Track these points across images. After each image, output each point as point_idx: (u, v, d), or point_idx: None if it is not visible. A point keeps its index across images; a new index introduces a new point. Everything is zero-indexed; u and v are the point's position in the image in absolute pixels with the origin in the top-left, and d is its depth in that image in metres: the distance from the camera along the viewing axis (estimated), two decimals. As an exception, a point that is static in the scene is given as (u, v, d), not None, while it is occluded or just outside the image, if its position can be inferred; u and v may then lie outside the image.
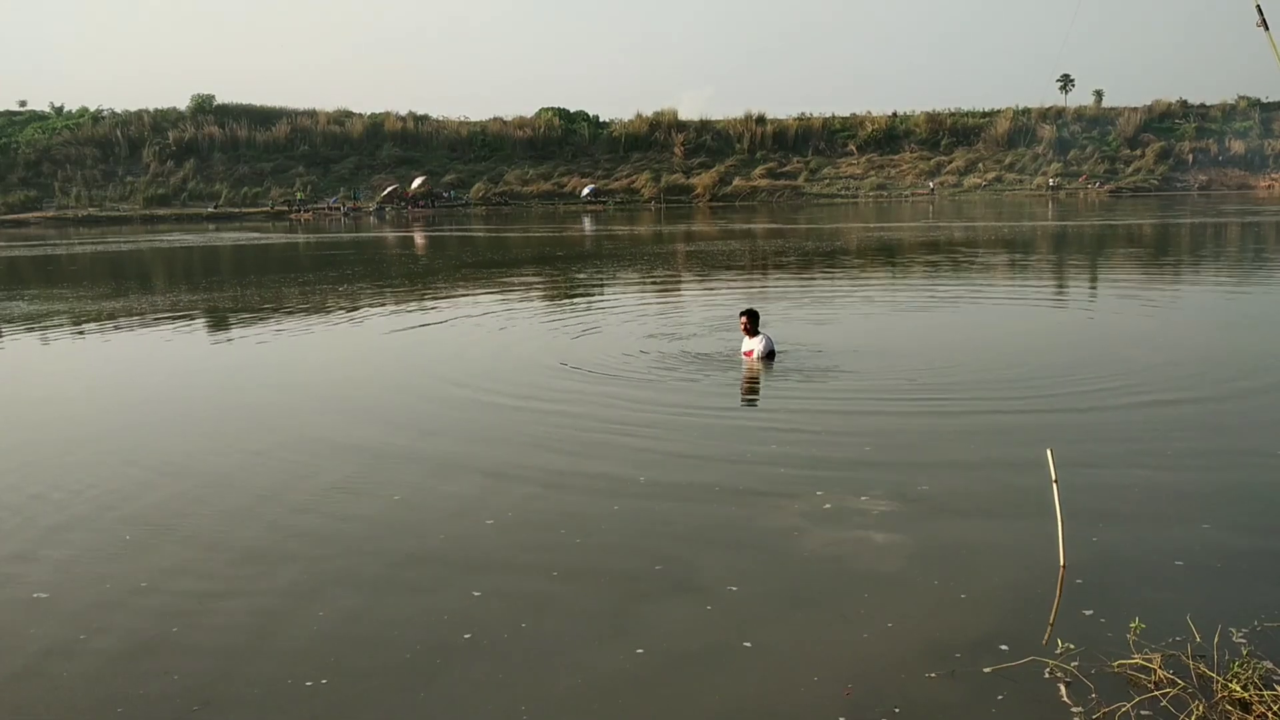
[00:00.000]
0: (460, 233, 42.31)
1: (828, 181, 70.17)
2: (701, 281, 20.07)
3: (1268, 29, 5.60)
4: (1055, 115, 74.27)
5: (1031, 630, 4.23)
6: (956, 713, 3.63)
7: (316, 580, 5.00)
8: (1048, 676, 3.83)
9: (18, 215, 60.48)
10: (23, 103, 75.69)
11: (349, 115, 75.21)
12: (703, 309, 14.95)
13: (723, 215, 51.69)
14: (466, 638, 4.30)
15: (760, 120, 75.68)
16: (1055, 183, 66.08)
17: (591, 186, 68.09)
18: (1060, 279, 19.71)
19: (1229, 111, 73.68)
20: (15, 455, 7.62)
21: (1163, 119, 73.50)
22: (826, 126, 76.17)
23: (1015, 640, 4.11)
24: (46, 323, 15.44)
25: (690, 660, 4.09)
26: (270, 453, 7.44)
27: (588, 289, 19.04)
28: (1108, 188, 65.57)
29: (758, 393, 9.28)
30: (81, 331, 14.63)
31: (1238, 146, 69.41)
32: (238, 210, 63.00)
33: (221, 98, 73.52)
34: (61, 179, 65.31)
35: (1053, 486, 4.80)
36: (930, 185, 67.47)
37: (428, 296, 18.26)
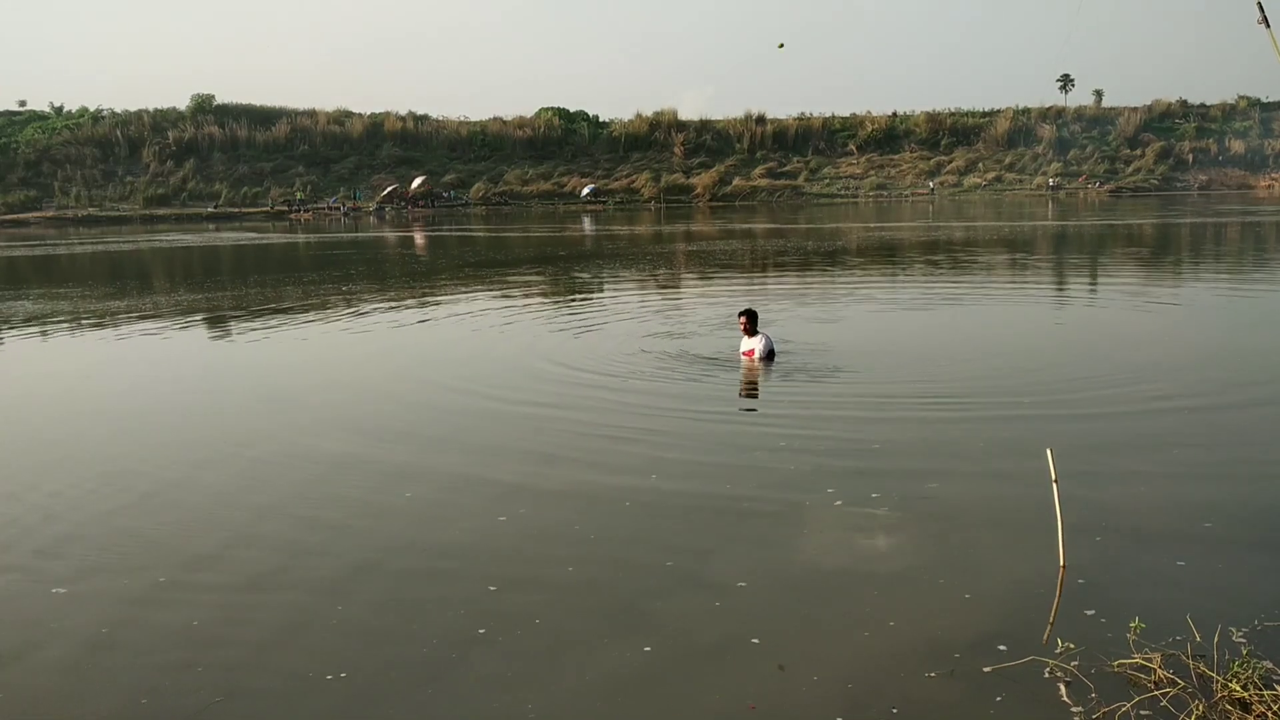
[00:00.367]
0: (460, 233, 42.30)
1: (828, 181, 70.19)
2: (701, 281, 20.08)
3: (1269, 26, 5.57)
4: (1055, 115, 74.30)
5: (1032, 630, 4.26)
6: (956, 712, 3.66)
7: (336, 575, 5.07)
8: (1048, 676, 3.85)
9: (17, 215, 60.48)
10: (23, 103, 75.82)
11: (349, 115, 75.22)
12: (703, 309, 14.96)
13: (723, 215, 51.70)
14: (481, 632, 4.38)
15: (760, 120, 75.72)
16: (1055, 183, 66.10)
17: (591, 186, 68.09)
18: (1060, 279, 19.71)
19: (1229, 111, 73.72)
20: (44, 452, 7.70)
21: (1163, 119, 73.53)
22: (826, 126, 76.21)
23: (1015, 640, 4.14)
24: (47, 321, 15.45)
25: (699, 656, 4.14)
26: (288, 451, 7.51)
27: (588, 289, 19.06)
28: (1108, 188, 65.58)
29: (757, 394, 9.29)
30: (86, 327, 14.64)
31: (1238, 146, 69.44)
32: (237, 210, 63.03)
33: (221, 98, 73.77)
34: (61, 179, 65.33)
35: (1053, 486, 4.81)
36: (930, 185, 67.49)
37: (428, 297, 18.28)
